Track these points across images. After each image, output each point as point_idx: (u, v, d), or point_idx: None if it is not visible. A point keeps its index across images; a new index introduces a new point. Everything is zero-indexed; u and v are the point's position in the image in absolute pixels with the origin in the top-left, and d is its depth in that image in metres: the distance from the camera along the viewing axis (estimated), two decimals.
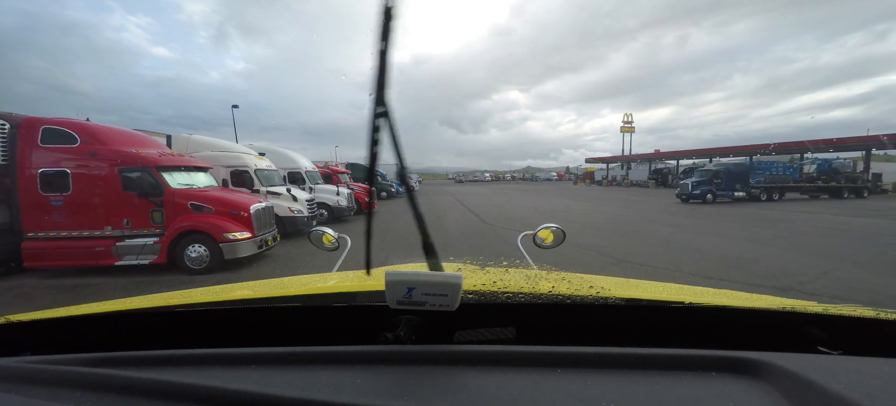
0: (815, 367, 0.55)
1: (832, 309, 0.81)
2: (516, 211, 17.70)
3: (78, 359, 0.67)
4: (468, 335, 0.90)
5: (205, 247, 6.43)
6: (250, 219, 6.85)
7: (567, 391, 0.55)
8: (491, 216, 14.45)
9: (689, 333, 0.90)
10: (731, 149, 41.20)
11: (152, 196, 6.44)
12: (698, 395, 0.53)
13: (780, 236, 9.55)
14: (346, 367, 0.64)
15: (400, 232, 9.91)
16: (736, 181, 21.08)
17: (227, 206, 6.82)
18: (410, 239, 9.07)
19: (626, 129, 60.15)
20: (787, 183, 22.62)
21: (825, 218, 13.62)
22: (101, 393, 0.58)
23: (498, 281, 0.95)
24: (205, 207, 6.65)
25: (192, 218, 6.52)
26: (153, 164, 6.51)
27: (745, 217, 13.98)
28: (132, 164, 6.38)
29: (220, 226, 6.44)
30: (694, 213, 15.23)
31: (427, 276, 0.66)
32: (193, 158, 8.05)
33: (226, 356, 0.68)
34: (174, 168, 6.92)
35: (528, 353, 0.64)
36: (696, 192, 20.39)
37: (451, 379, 0.59)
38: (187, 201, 6.59)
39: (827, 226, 11.50)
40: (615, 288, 0.97)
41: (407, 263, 1.32)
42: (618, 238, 9.65)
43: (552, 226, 1.81)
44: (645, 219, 13.65)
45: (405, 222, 10.11)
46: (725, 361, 0.60)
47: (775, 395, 0.52)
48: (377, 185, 14.90)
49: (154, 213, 6.50)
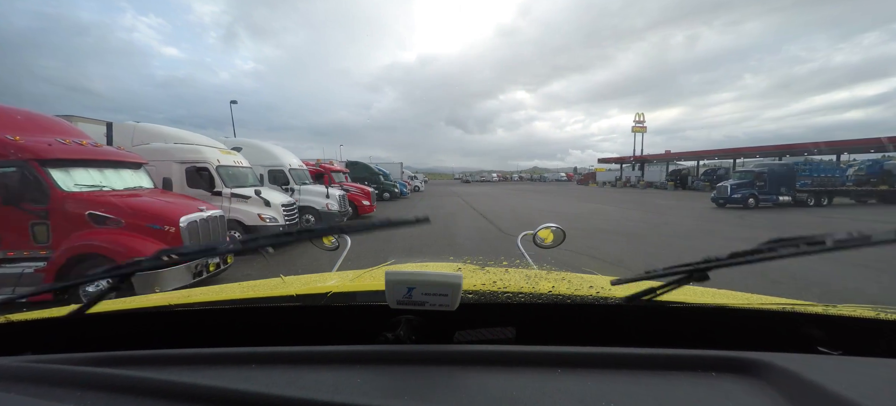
0: (815, 367, 0.55)
1: (832, 309, 0.81)
2: (535, 215, 15.65)
3: (78, 359, 0.67)
4: (468, 335, 0.90)
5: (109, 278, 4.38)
6: (179, 234, 4.78)
7: (567, 391, 0.54)
8: (507, 223, 12.37)
9: (689, 333, 0.89)
10: (755, 149, 38.76)
11: (32, 203, 4.41)
12: (698, 395, 0.53)
13: (885, 258, 7.38)
14: (346, 367, 0.64)
15: (399, 242, 7.87)
16: (780, 184, 18.68)
17: (144, 216, 4.74)
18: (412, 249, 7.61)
19: (638, 129, 58.15)
20: (837, 186, 20.19)
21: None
22: (101, 393, 0.57)
23: (498, 281, 0.95)
24: (109, 219, 4.58)
25: (89, 234, 4.46)
26: (33, 155, 4.43)
27: (812, 227, 11.70)
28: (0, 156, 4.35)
29: (126, 247, 4.35)
30: (745, 221, 12.99)
31: (427, 276, 0.66)
32: (117, 150, 5.99)
33: (226, 356, 0.68)
34: (74, 162, 4.82)
35: (528, 353, 0.64)
36: (736, 195, 18.03)
37: (451, 379, 0.59)
38: (85, 210, 4.52)
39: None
40: (615, 288, 0.95)
41: (407, 263, 1.48)
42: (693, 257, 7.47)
43: (552, 226, 1.81)
44: (703, 230, 11.40)
45: (405, 232, 8.07)
46: (725, 361, 0.60)
47: (775, 396, 0.52)
48: (379, 185, 12.58)
49: (35, 228, 4.46)
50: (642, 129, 58.45)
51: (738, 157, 40.46)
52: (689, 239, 9.67)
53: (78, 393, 0.57)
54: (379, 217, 11.84)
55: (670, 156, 50.11)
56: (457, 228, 10.94)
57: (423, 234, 8.81)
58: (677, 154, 49.69)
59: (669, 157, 49.43)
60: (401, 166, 30.33)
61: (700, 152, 46.15)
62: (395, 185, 23.97)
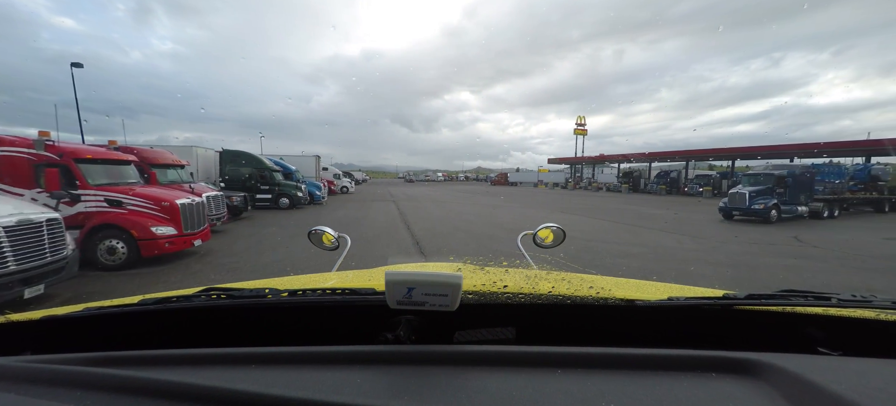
0: (815, 368, 0.55)
1: (832, 310, 0.80)
2: (496, 232, 9.95)
3: (78, 358, 0.66)
4: (468, 335, 0.89)
5: None
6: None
7: (567, 391, 0.54)
8: (455, 244, 6.29)
9: (690, 333, 0.89)
10: (711, 152, 37.18)
11: None
12: (698, 395, 0.53)
13: None
14: (346, 367, 0.63)
15: None
16: (801, 191, 14.84)
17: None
18: None
19: (580, 131, 58.79)
20: (843, 193, 17.07)
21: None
22: (101, 393, 0.57)
23: (498, 281, 0.94)
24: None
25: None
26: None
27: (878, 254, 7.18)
28: None
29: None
30: (800, 248, 8.28)
31: (427, 276, 0.65)
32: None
33: (226, 356, 0.67)
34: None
35: (528, 353, 0.64)
36: (756, 206, 13.73)
37: (451, 379, 0.59)
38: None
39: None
40: (615, 288, 0.97)
41: (407, 263, 1.41)
42: None
43: (552, 226, 1.74)
44: (750, 265, 6.43)
45: None
46: (725, 361, 0.60)
47: (775, 396, 0.52)
48: (274, 186, 15.65)
49: None
50: (584, 131, 58.69)
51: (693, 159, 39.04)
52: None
53: (78, 393, 0.57)
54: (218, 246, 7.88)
55: (602, 158, 50.12)
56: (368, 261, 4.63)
57: None
58: (607, 157, 49.72)
59: (619, 159, 47.47)
60: (318, 160, 22.17)
61: (631, 155, 45.71)
62: (299, 185, 16.61)
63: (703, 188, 33.47)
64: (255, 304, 0.91)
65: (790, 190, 14.39)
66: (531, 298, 0.84)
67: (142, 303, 0.90)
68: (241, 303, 0.90)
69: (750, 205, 13.78)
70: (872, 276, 6.37)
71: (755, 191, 14.06)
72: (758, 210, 13.67)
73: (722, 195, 33.36)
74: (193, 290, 0.98)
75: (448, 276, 0.64)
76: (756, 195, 13.95)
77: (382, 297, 0.67)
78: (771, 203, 13.75)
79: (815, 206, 15.26)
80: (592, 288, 0.92)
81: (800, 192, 14.73)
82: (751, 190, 14.06)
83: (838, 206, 16.41)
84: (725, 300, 0.80)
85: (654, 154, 41.91)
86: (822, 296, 0.77)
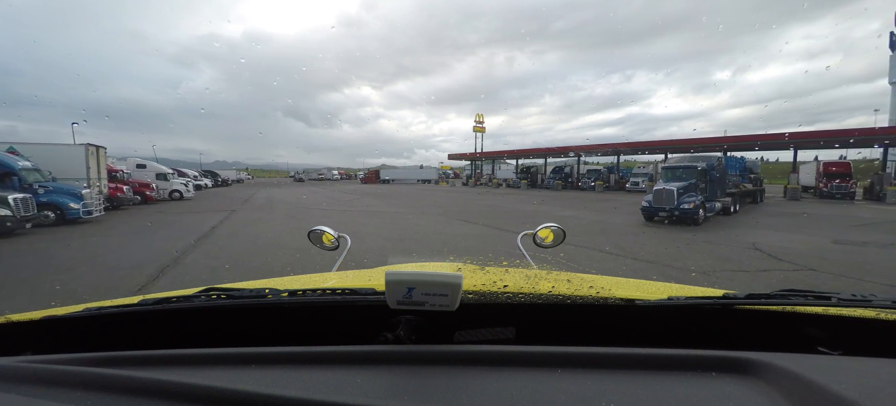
0: (815, 367, 0.54)
1: (832, 309, 0.80)
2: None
3: (78, 359, 0.66)
4: (468, 335, 0.89)
5: None
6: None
7: (567, 391, 0.54)
8: None
9: (689, 333, 0.88)
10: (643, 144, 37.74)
11: None
12: (698, 395, 0.53)
13: None
14: (346, 367, 0.63)
15: None
16: (718, 186, 13.23)
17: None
18: None
19: (479, 128, 58.60)
20: (742, 187, 16.51)
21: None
22: (101, 393, 0.57)
23: (498, 281, 0.93)
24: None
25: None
26: None
27: None
28: None
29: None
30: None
31: (427, 276, 0.65)
32: None
33: (226, 356, 0.67)
34: None
35: (528, 353, 0.64)
36: (685, 205, 11.41)
37: (451, 379, 0.59)
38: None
39: None
40: (615, 288, 0.97)
41: (407, 263, 1.34)
42: None
43: (553, 225, 1.73)
44: None
45: None
46: (725, 361, 0.59)
47: (775, 396, 0.52)
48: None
49: None
50: (482, 129, 58.36)
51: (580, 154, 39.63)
52: None
53: (78, 393, 0.57)
54: None
55: (500, 154, 50.97)
56: None
57: None
58: (505, 152, 50.71)
59: (518, 154, 46.95)
60: (92, 152, 13.63)
61: (523, 151, 46.61)
62: (35, 188, 9.08)
63: (594, 183, 33.68)
64: (255, 304, 0.90)
65: (711, 185, 12.58)
66: (531, 298, 0.85)
67: (142, 303, 0.89)
68: (240, 303, 0.89)
69: (679, 203, 11.41)
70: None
71: (682, 187, 11.79)
72: (687, 209, 11.36)
73: (612, 188, 34.67)
74: (193, 290, 0.98)
75: (448, 276, 0.64)
76: (683, 192, 11.69)
77: (382, 297, 0.67)
78: (699, 201, 11.60)
79: (725, 201, 13.93)
80: (592, 288, 0.93)
81: (717, 187, 13.09)
82: (678, 186, 11.74)
83: (740, 200, 15.66)
84: (725, 300, 0.83)
85: (550, 149, 41.88)
86: (822, 295, 0.79)
